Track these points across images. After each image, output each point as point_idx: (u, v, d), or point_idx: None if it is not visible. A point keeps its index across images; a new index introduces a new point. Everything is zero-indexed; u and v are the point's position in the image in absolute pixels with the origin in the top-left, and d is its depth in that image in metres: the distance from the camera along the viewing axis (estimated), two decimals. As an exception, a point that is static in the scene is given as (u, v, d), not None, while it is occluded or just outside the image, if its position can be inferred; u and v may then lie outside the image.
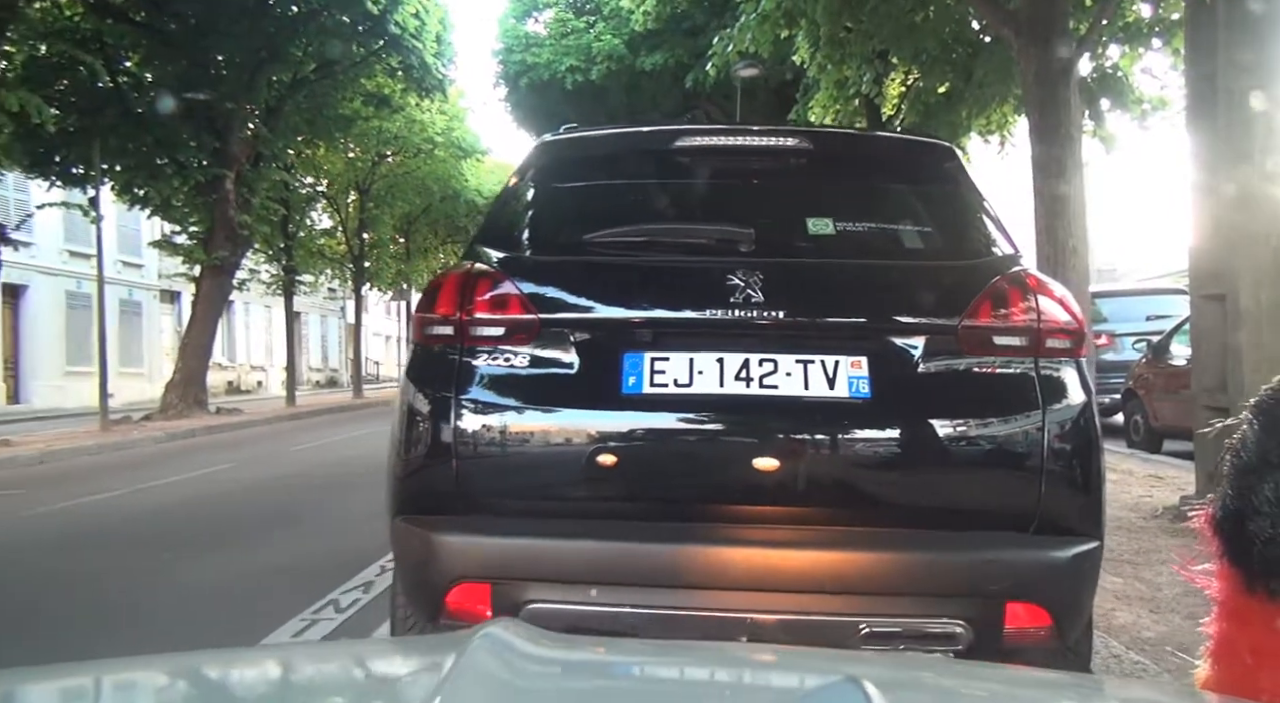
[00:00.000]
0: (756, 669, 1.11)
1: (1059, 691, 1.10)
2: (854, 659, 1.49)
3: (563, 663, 1.04)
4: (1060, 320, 2.28)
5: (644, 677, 1.07)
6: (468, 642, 0.91)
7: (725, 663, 1.13)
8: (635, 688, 1.03)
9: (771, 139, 2.68)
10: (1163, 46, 8.53)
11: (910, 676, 1.13)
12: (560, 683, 0.99)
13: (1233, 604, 1.10)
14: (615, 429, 2.28)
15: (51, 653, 3.39)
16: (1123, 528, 4.78)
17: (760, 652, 1.30)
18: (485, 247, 2.53)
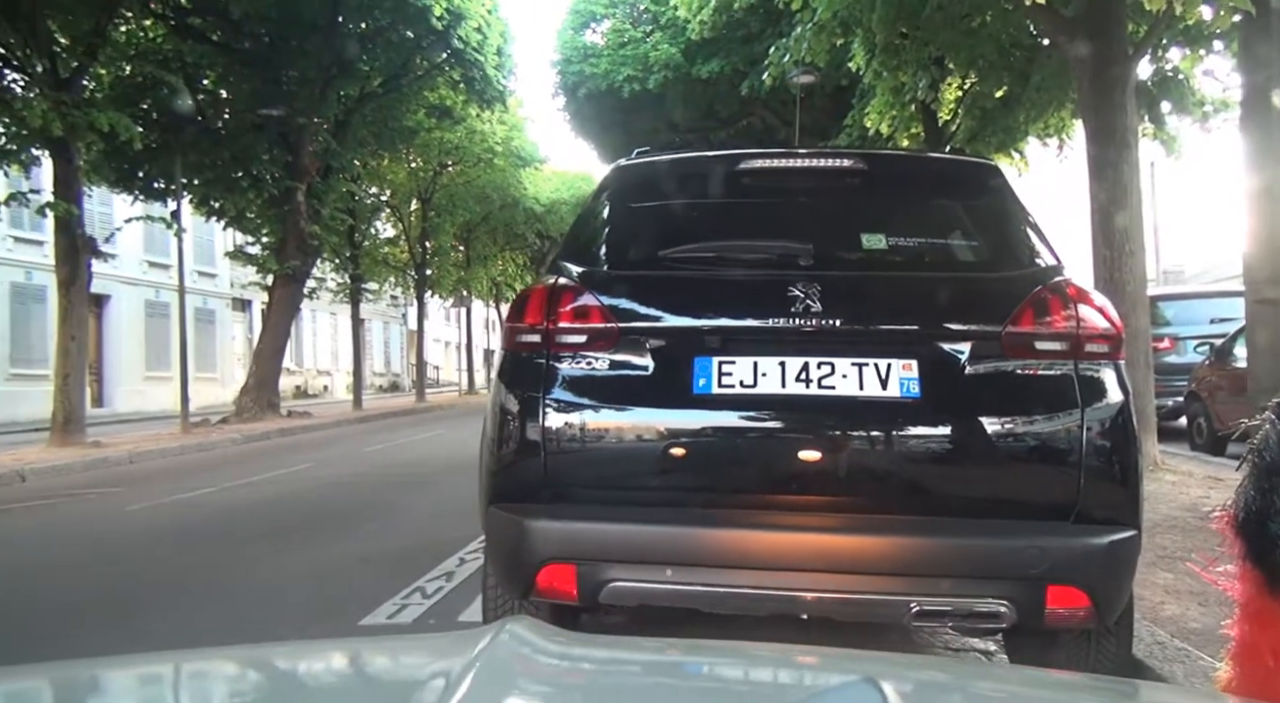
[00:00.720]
0: (774, 668, 1.12)
1: (1077, 693, 1.12)
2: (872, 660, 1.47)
3: (581, 660, 1.07)
4: (1099, 326, 2.47)
5: (662, 674, 1.08)
6: (488, 638, 0.94)
7: (743, 662, 1.14)
8: (653, 685, 1.03)
9: (828, 160, 2.90)
10: (1224, 49, 8.49)
11: (927, 676, 1.13)
12: (579, 680, 1.00)
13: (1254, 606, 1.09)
14: (687, 426, 2.52)
15: (176, 628, 3.77)
16: (1177, 527, 4.87)
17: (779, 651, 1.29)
18: (567, 261, 2.79)
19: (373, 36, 16.97)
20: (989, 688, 1.07)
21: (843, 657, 1.35)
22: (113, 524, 6.52)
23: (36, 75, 12.11)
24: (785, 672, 1.10)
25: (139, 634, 3.68)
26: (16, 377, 20.34)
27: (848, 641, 3.18)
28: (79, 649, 3.50)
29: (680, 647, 1.32)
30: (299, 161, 17.06)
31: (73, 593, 4.45)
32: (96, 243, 13.09)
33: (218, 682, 1.08)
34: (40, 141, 12.36)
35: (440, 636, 1.16)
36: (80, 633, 3.74)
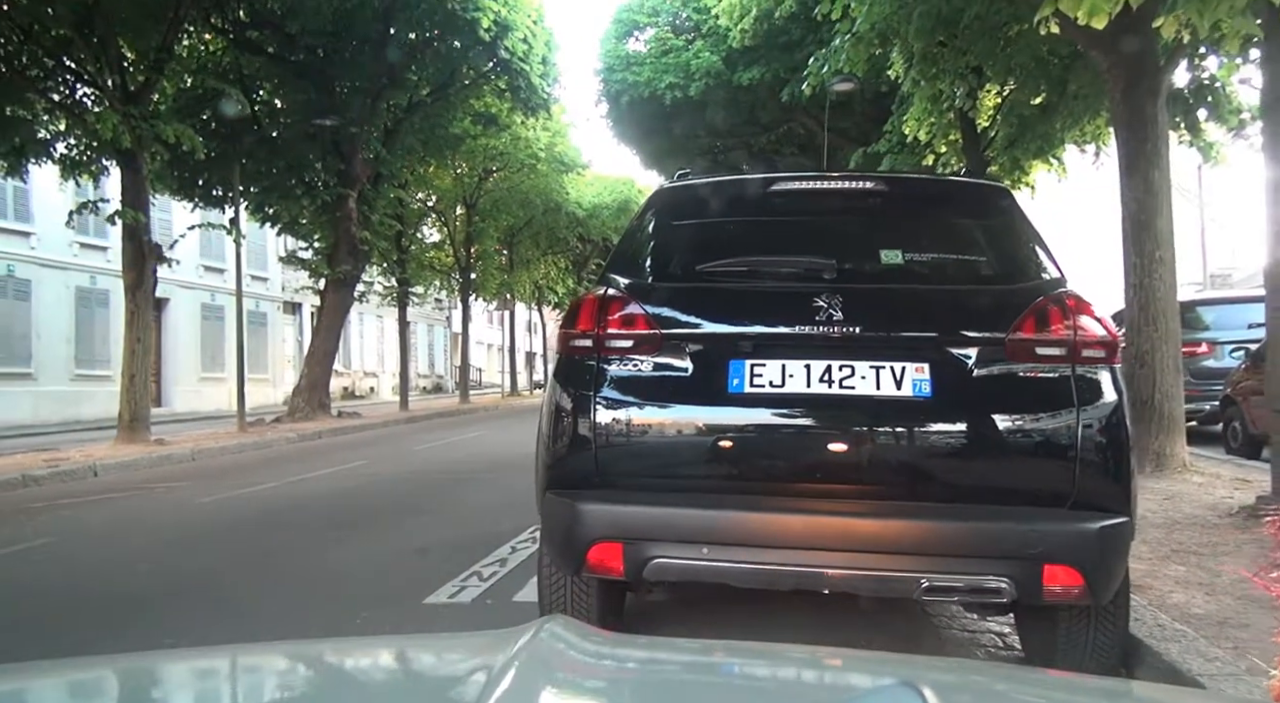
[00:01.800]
0: (811, 670, 1.13)
1: (1116, 698, 1.12)
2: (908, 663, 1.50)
3: (618, 659, 1.08)
4: (1095, 334, 2.73)
5: (698, 674, 1.10)
6: (527, 637, 0.97)
7: (778, 663, 1.15)
8: (690, 685, 1.04)
9: (850, 183, 3.20)
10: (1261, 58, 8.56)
11: (965, 680, 1.14)
12: (616, 679, 1.02)
13: None
14: (722, 422, 2.84)
15: (263, 606, 4.16)
16: (1197, 524, 5.06)
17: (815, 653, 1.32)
18: (615, 274, 3.12)
19: (422, 48, 17.48)
20: (1027, 693, 1.07)
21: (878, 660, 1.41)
22: (189, 515, 6.99)
23: (107, 89, 12.74)
24: (822, 674, 1.12)
25: (230, 611, 4.08)
26: (81, 377, 21.19)
27: (868, 618, 3.47)
28: (181, 624, 3.90)
29: (717, 648, 1.37)
30: (351, 169, 17.62)
31: (167, 575, 4.89)
32: (162, 249, 13.71)
33: (266, 677, 1.12)
34: (110, 152, 13.00)
35: (480, 634, 1.20)
36: (178, 610, 4.15)
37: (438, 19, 16.14)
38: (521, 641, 0.95)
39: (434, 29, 16.87)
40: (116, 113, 12.16)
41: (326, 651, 1.29)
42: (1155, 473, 6.82)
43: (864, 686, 1.01)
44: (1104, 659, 2.92)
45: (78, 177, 13.83)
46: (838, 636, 3.47)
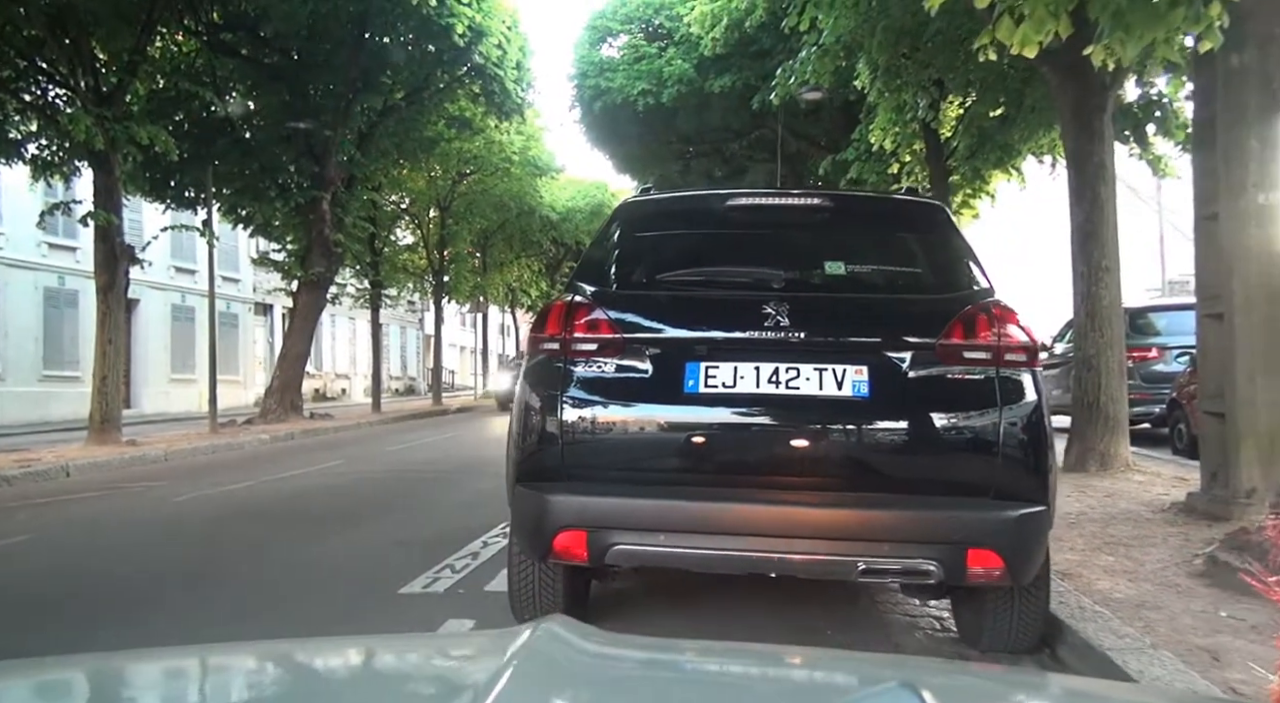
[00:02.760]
0: (810, 672, 1.14)
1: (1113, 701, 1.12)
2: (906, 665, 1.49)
3: (616, 660, 1.08)
4: (1018, 340, 3.00)
5: (696, 675, 1.10)
6: (525, 636, 0.97)
7: (777, 664, 1.16)
8: (687, 686, 1.05)
9: (799, 199, 3.46)
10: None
11: (963, 682, 1.15)
12: (614, 679, 1.02)
13: None
14: (678, 419, 3.08)
15: (248, 594, 4.35)
16: (1131, 519, 5.37)
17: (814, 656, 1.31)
18: (582, 281, 3.36)
19: (396, 52, 17.60)
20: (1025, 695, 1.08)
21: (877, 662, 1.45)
22: (167, 512, 7.13)
23: (80, 91, 12.77)
24: (821, 675, 1.12)
25: (211, 602, 4.26)
26: (49, 378, 21.05)
27: (818, 604, 3.72)
28: (165, 614, 4.08)
29: (715, 649, 1.39)
30: (325, 172, 17.70)
31: (148, 568, 5.05)
32: (134, 250, 13.74)
33: (263, 675, 1.12)
34: (82, 154, 13.03)
35: (479, 634, 1.24)
36: (161, 601, 4.32)
37: (412, 24, 16.27)
38: (520, 640, 0.96)
39: (408, 34, 17.00)
40: (89, 114, 12.20)
41: (325, 649, 1.30)
42: (1100, 472, 7.15)
43: (863, 687, 1.00)
44: (1026, 637, 3.20)
45: (49, 178, 13.82)
46: (789, 620, 3.73)
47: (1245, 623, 3.30)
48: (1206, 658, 2.92)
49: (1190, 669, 2.77)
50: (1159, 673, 2.73)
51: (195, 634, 3.61)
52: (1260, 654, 2.96)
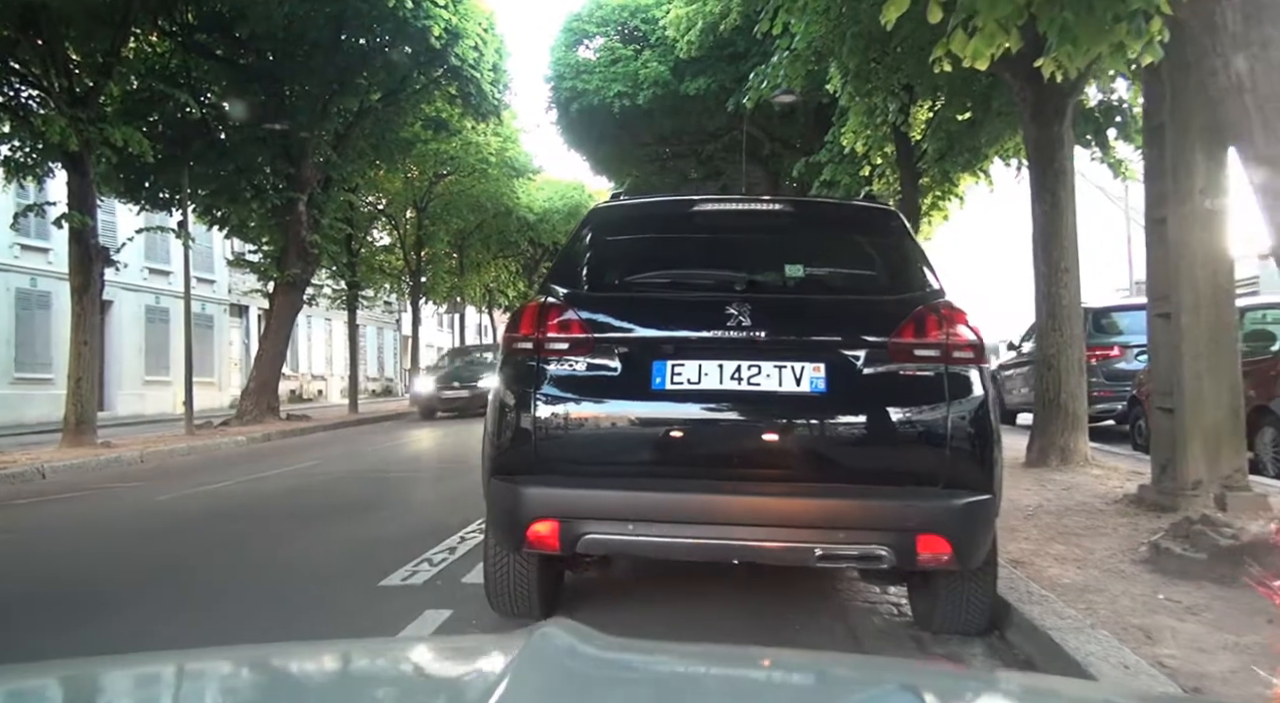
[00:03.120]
0: (811, 673, 1.14)
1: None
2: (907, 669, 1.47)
3: (617, 662, 1.09)
4: (966, 339, 3.18)
5: (697, 677, 1.10)
6: (526, 639, 0.97)
7: (777, 667, 1.17)
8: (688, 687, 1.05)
9: (761, 205, 3.64)
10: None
11: (963, 685, 1.16)
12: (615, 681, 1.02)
13: None
14: (646, 415, 3.24)
15: (236, 588, 4.47)
16: (1086, 511, 5.59)
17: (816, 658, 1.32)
18: (554, 284, 3.51)
19: (373, 54, 17.65)
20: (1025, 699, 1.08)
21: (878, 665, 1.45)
22: (148, 511, 7.21)
23: (54, 93, 12.75)
24: (822, 678, 1.13)
25: (197, 597, 4.37)
26: (21, 381, 20.90)
27: (781, 592, 3.89)
28: (151, 610, 4.18)
29: (717, 652, 1.40)
30: (301, 173, 17.72)
31: (133, 565, 5.15)
32: (109, 252, 13.73)
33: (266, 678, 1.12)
34: (56, 155, 13.01)
35: (481, 637, 1.27)
36: (146, 597, 4.42)
37: (389, 26, 16.33)
38: (521, 643, 0.96)
39: (385, 36, 17.06)
40: (63, 116, 12.20)
41: (327, 652, 1.31)
42: (1060, 466, 7.38)
43: (864, 690, 1.01)
44: (975, 619, 3.39)
45: (21, 179, 13.78)
46: (752, 607, 3.89)
47: (1180, 604, 3.50)
48: (1141, 636, 3.11)
49: (1124, 646, 2.96)
50: (1094, 649, 2.91)
51: (178, 631, 3.73)
52: (1191, 631, 3.16)
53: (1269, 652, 2.92)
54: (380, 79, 18.53)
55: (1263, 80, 3.23)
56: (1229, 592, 3.63)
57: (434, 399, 19.70)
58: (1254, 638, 3.06)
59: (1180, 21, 3.81)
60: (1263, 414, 7.41)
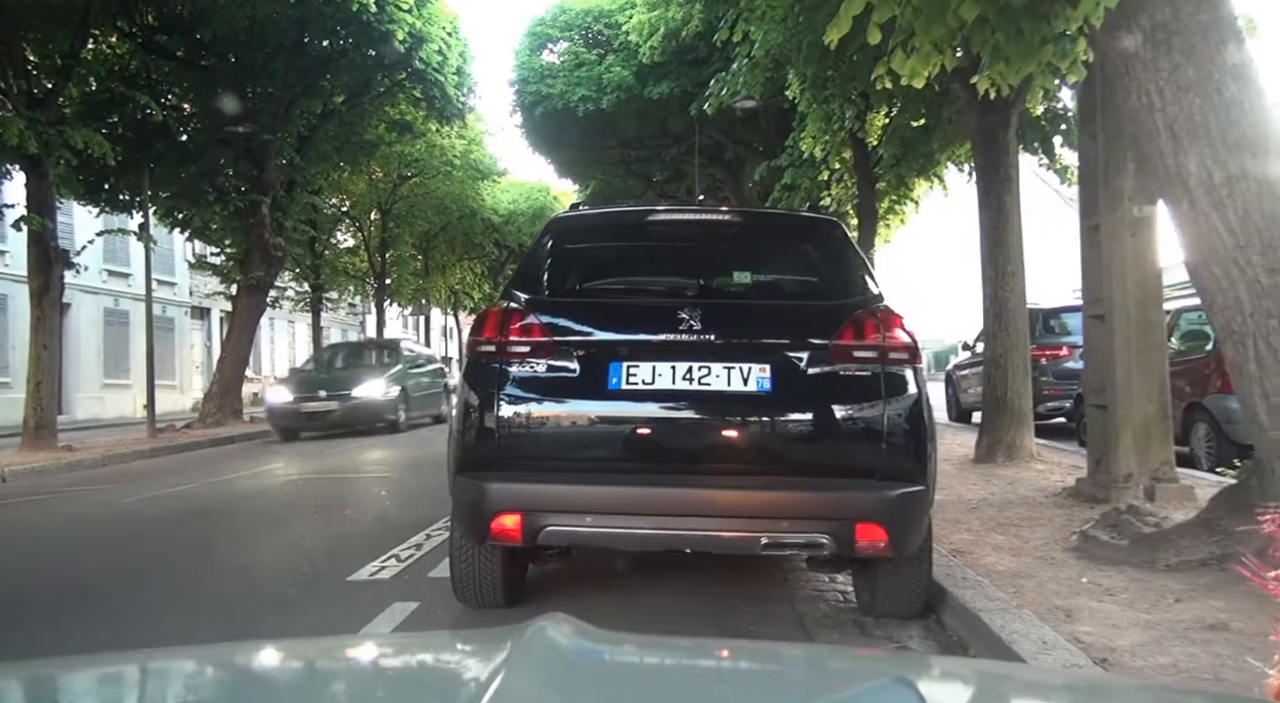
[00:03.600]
0: (805, 666, 1.15)
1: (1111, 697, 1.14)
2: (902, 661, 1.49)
3: (612, 657, 1.09)
4: (901, 340, 3.41)
5: (691, 671, 1.10)
6: (522, 635, 0.98)
7: (772, 660, 1.18)
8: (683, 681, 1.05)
9: (712, 215, 3.85)
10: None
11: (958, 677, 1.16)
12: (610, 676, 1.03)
13: None
14: (603, 414, 3.44)
15: (195, 592, 4.59)
16: (1026, 503, 5.87)
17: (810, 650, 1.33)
18: (516, 289, 3.70)
19: (336, 57, 17.67)
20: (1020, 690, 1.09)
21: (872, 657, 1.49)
22: (116, 513, 7.27)
23: (12, 95, 12.66)
24: (817, 670, 1.14)
25: (173, 593, 4.49)
26: (-24, 384, 20.62)
27: (734, 582, 4.10)
28: (123, 607, 4.30)
29: (711, 645, 1.42)
30: (264, 176, 17.68)
31: (102, 565, 5.25)
32: (69, 255, 13.64)
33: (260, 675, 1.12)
34: (15, 158, 12.91)
35: (476, 632, 1.26)
36: (126, 594, 4.53)
37: (352, 29, 16.37)
38: (517, 639, 0.96)
39: (348, 39, 17.09)
40: (22, 118, 12.12)
41: (321, 649, 1.31)
42: (1006, 462, 7.69)
43: (860, 682, 1.01)
44: (912, 603, 3.63)
45: (-24, 181, 13.66)
46: (707, 595, 4.10)
47: (1101, 587, 3.76)
48: (1062, 615, 3.37)
49: (1044, 624, 3.20)
50: (1018, 628, 3.16)
51: (148, 630, 3.85)
52: (1107, 611, 3.42)
53: (1175, 628, 3.18)
54: (344, 82, 18.54)
55: (1171, 102, 3.51)
56: (1146, 575, 3.90)
57: (292, 414, 14.90)
58: (1162, 615, 3.33)
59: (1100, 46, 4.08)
60: (1196, 410, 7.77)
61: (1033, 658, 2.87)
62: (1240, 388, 3.60)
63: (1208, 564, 3.86)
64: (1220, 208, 3.46)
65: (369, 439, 14.63)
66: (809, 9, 9.48)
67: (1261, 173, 3.46)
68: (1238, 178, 3.46)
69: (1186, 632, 3.13)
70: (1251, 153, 3.49)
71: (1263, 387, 3.43)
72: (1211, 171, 3.48)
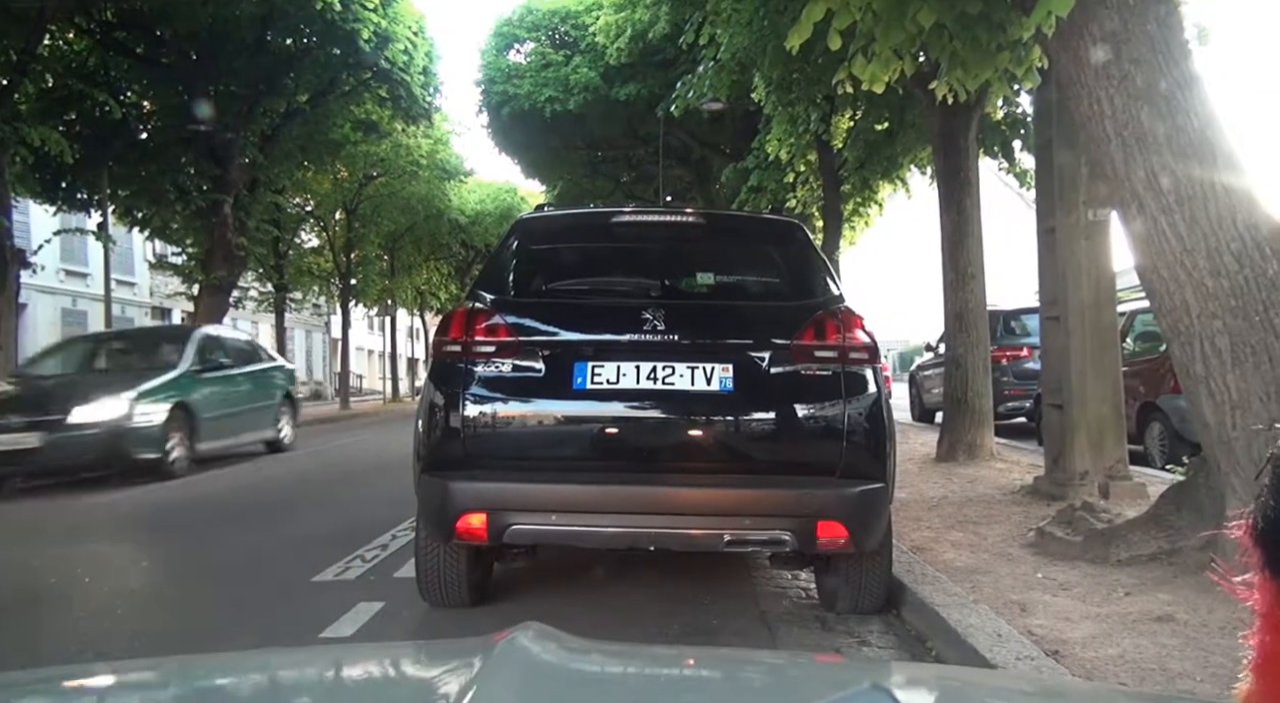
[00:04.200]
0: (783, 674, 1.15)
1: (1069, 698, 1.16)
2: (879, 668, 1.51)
3: (590, 665, 1.09)
4: (861, 340, 3.48)
5: (671, 679, 1.10)
6: (499, 644, 0.97)
7: (751, 667, 1.19)
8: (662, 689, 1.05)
9: (676, 217, 3.90)
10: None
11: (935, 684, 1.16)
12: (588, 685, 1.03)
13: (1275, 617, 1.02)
14: (568, 413, 3.47)
15: (157, 596, 4.55)
16: (985, 501, 5.99)
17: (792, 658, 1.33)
18: (482, 290, 3.71)
19: (300, 55, 17.50)
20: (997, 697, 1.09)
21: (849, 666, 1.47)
22: (76, 515, 7.14)
23: (-34, 91, 12.43)
24: (795, 678, 1.14)
25: (135, 599, 4.43)
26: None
27: (699, 579, 4.15)
28: (78, 613, 4.25)
29: (690, 653, 1.42)
30: (227, 175, 17.45)
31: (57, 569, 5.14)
32: (25, 254, 13.40)
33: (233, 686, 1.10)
34: (-32, 155, 12.67)
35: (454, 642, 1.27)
36: (75, 599, 4.47)
37: (316, 28, 16.22)
38: (495, 647, 0.96)
39: (313, 38, 16.94)
40: (-23, 116, 11.91)
41: (297, 659, 1.29)
42: (967, 460, 7.82)
43: (836, 691, 1.00)
44: (873, 599, 3.69)
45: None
46: (672, 593, 4.14)
47: (1055, 581, 3.86)
48: (1017, 609, 3.45)
49: (999, 618, 3.28)
50: (974, 622, 3.23)
51: (109, 634, 3.80)
52: (1061, 604, 3.51)
53: (1124, 620, 3.27)
54: (308, 80, 18.35)
55: (1121, 110, 3.61)
56: (1099, 570, 4.01)
57: None
58: (1113, 609, 3.43)
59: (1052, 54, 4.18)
60: (1151, 410, 7.96)
61: (987, 651, 2.94)
62: (1187, 387, 3.71)
63: (1156, 559, 3.98)
64: (1168, 213, 3.57)
65: (355, 435, 14.50)
66: (773, 13, 9.59)
67: (1208, 179, 3.56)
68: (1185, 184, 3.56)
69: (1135, 624, 3.22)
70: (1198, 160, 3.59)
71: (1208, 386, 3.54)
72: (1159, 178, 3.58)
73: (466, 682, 0.86)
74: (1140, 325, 8.77)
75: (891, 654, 3.41)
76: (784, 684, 1.09)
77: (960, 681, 1.33)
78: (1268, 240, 3.49)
